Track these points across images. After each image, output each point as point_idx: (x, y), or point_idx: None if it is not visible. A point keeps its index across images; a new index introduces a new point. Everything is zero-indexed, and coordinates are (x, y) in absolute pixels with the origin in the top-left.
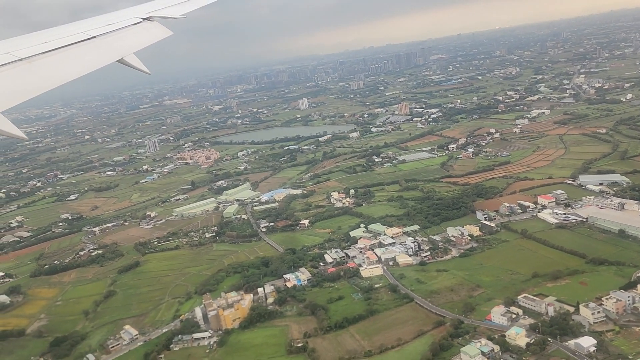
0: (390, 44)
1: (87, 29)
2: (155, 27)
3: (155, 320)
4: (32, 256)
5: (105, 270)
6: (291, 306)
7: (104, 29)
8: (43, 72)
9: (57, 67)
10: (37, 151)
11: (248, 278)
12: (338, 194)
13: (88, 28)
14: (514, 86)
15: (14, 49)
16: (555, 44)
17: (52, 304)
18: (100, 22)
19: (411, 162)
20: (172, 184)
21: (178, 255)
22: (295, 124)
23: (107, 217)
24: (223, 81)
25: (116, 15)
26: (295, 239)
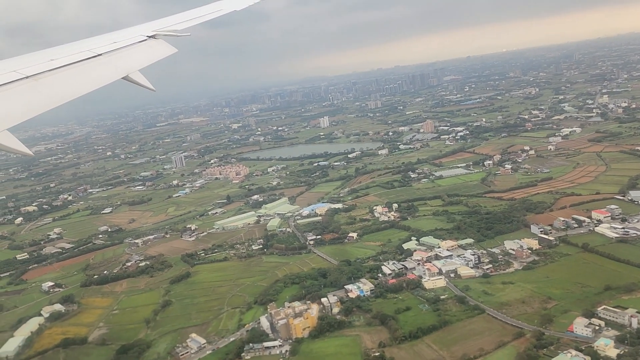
0: (399, 66)
1: (92, 47)
2: (160, 45)
3: (219, 330)
4: (77, 267)
5: (156, 280)
6: (358, 316)
7: (110, 46)
8: (49, 90)
9: (63, 85)
10: (61, 167)
11: (308, 289)
12: (381, 208)
13: (94, 46)
14: (537, 105)
15: (20, 67)
16: (570, 65)
17: (109, 312)
18: (106, 40)
19: (448, 177)
20: (205, 198)
21: (228, 267)
22: (320, 141)
23: (145, 229)
24: (236, 101)
25: (122, 33)
26: (345, 251)
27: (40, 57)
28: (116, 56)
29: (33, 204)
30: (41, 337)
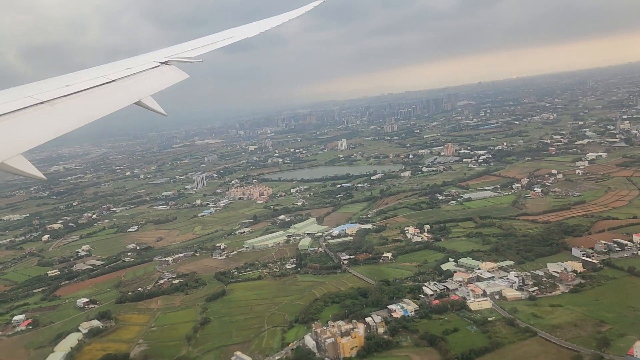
0: (410, 91)
1: (107, 73)
2: (172, 71)
3: (263, 348)
4: (109, 284)
5: (191, 298)
6: (404, 337)
7: (123, 72)
8: (64, 114)
9: (77, 110)
10: (81, 186)
11: (350, 308)
12: (413, 229)
13: (108, 72)
14: (557, 130)
15: (36, 93)
16: (585, 92)
17: (147, 329)
18: (120, 67)
19: (477, 200)
20: (230, 217)
21: (263, 285)
22: (339, 163)
23: (174, 248)
24: (250, 123)
25: (135, 60)
26: (381, 271)
27: (56, 83)
28: (129, 82)
29: (58, 221)
30: (81, 352)
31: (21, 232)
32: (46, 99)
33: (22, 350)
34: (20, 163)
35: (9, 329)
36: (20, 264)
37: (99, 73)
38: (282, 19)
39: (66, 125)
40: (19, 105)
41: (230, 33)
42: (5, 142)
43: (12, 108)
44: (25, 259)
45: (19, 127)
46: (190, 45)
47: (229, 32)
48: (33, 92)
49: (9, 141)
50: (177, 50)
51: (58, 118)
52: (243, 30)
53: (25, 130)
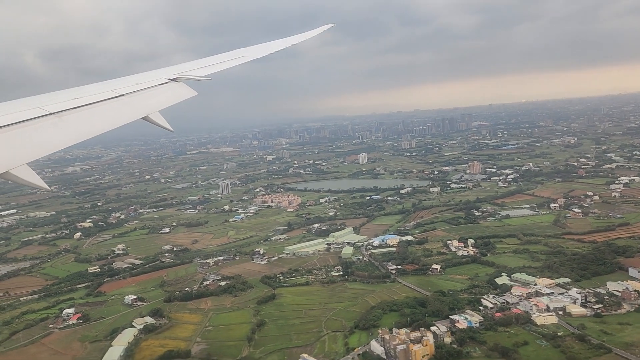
0: (419, 110)
1: (115, 88)
2: (181, 88)
3: (327, 352)
4: (152, 282)
5: (241, 300)
6: (472, 347)
7: (132, 87)
8: (71, 127)
9: (84, 122)
10: (102, 187)
11: (410, 317)
12: (457, 243)
13: (117, 87)
14: (581, 154)
15: (44, 104)
16: (601, 118)
17: (202, 328)
18: (129, 82)
19: (516, 217)
20: (263, 224)
21: (312, 291)
22: (363, 176)
23: (210, 251)
24: (263, 134)
25: (144, 75)
26: (432, 282)
27: (65, 96)
28: (137, 97)
29: (87, 220)
30: (139, 348)
31: (50, 229)
32: (54, 111)
33: (77, 344)
34: (25, 173)
35: (59, 322)
36: (56, 260)
37: (107, 87)
38: (292, 41)
39: (72, 137)
40: (28, 115)
41: (240, 53)
42: (11, 151)
43: (21, 118)
44: (61, 255)
45: (26, 137)
46: (200, 64)
47: (239, 52)
48: (42, 104)
49: (15, 150)
50: (186, 67)
51: (65, 130)
52: (253, 50)
53: (31, 140)
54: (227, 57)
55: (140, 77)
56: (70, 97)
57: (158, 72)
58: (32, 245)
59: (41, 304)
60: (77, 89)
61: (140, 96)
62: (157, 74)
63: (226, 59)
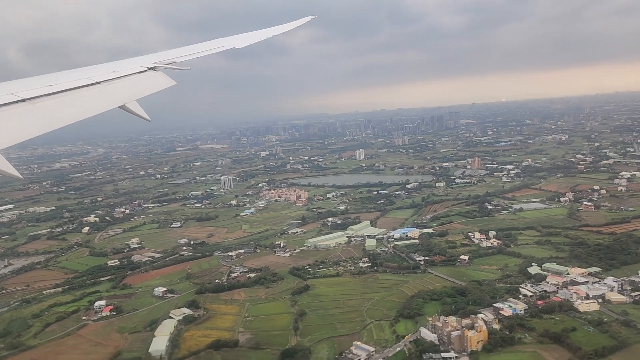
0: (402, 109)
1: (92, 75)
2: (160, 77)
3: (376, 340)
4: (176, 275)
5: (274, 291)
6: (522, 334)
7: (109, 75)
8: (45, 114)
9: (59, 110)
10: (97, 183)
11: (452, 305)
12: (479, 235)
13: (93, 74)
14: (576, 151)
15: (18, 90)
16: (586, 117)
17: (242, 319)
18: (106, 69)
19: (529, 210)
20: (275, 218)
21: (343, 282)
22: (363, 172)
23: (228, 244)
24: (251, 131)
25: (122, 63)
26: (462, 273)
27: (39, 82)
28: (114, 85)
29: (91, 215)
30: (182, 338)
31: (54, 223)
32: (28, 97)
33: (115, 335)
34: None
35: (92, 314)
36: (70, 254)
37: (83, 74)
38: (272, 32)
39: (47, 124)
40: (0, 101)
41: (220, 42)
42: None
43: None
44: (74, 250)
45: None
46: (179, 52)
47: (218, 42)
48: (15, 89)
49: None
50: (165, 56)
51: (39, 117)
52: (232, 40)
53: (4, 127)
54: (207, 47)
55: (117, 64)
56: (44, 84)
57: (136, 60)
58: (40, 240)
59: (67, 297)
60: (52, 75)
61: (118, 84)
62: (135, 62)
63: (205, 48)
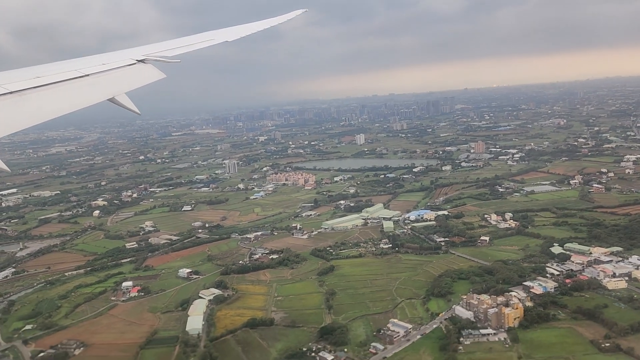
0: (394, 94)
1: (80, 67)
2: (149, 69)
3: (410, 317)
4: (197, 257)
5: (299, 272)
6: (555, 310)
7: (98, 68)
8: (33, 106)
9: (47, 102)
10: (97, 167)
11: (484, 284)
12: (496, 216)
13: (82, 66)
14: (576, 135)
15: (5, 82)
16: (581, 102)
17: (273, 299)
18: (95, 62)
19: (540, 193)
20: (285, 201)
21: (367, 263)
22: (367, 156)
23: (243, 227)
24: (245, 116)
25: (111, 55)
26: (484, 253)
27: (26, 74)
28: (103, 78)
29: (99, 199)
30: (216, 318)
31: (62, 207)
32: (15, 89)
33: (147, 314)
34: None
35: (120, 295)
36: (86, 237)
37: (72, 66)
38: (263, 25)
39: (35, 117)
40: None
41: (211, 35)
42: None
43: None
44: (88, 233)
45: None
46: (169, 45)
47: (209, 34)
48: (2, 82)
49: None
50: (155, 48)
51: (27, 109)
52: (223, 33)
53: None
54: (198, 39)
55: (106, 57)
56: (31, 76)
57: (125, 53)
58: (51, 224)
59: (90, 278)
60: (40, 67)
61: (107, 77)
62: (125, 55)
63: (196, 41)
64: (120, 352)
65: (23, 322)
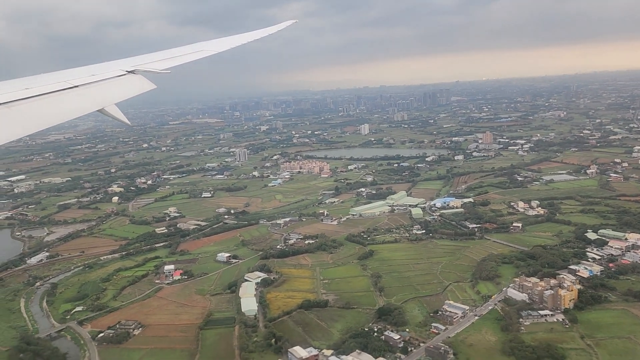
0: (385, 86)
1: (70, 78)
2: (139, 80)
3: (463, 300)
4: (230, 242)
5: (338, 256)
6: (605, 293)
7: (88, 79)
8: (21, 118)
9: (36, 113)
10: (101, 155)
11: (530, 267)
12: (523, 204)
13: (71, 77)
14: (579, 127)
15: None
16: (576, 94)
17: (319, 282)
18: (84, 73)
19: (560, 182)
20: (304, 189)
21: (404, 248)
22: (375, 146)
23: (268, 213)
24: (241, 106)
25: (100, 66)
26: (519, 239)
27: (15, 86)
28: (93, 89)
29: (113, 185)
30: (267, 300)
31: (77, 193)
32: (3, 101)
33: (196, 297)
34: None
35: (163, 278)
36: (111, 222)
37: (61, 77)
38: (254, 36)
39: (23, 128)
40: None
41: (201, 46)
42: None
43: None
44: (112, 218)
45: None
46: (160, 56)
47: (199, 45)
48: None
49: None
50: (145, 59)
51: (15, 121)
52: (214, 44)
53: None
54: (188, 51)
55: (96, 68)
56: (20, 87)
57: (115, 64)
58: (71, 209)
59: (127, 262)
60: (29, 78)
61: (96, 88)
62: (115, 65)
63: (187, 52)
64: (179, 332)
65: (71, 304)
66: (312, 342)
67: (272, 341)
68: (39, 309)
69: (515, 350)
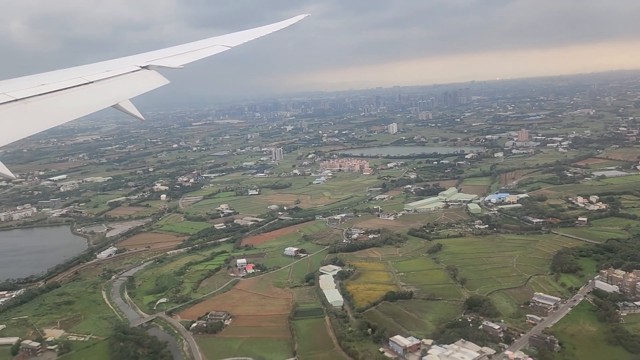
0: (398, 87)
1: (84, 74)
2: (153, 76)
3: (549, 292)
4: (291, 237)
5: (406, 250)
6: None
7: (102, 75)
8: (38, 113)
9: (52, 109)
10: (134, 155)
11: (611, 260)
12: (582, 199)
13: (86, 73)
14: (613, 124)
15: (10, 90)
16: (600, 93)
17: (395, 274)
18: (99, 69)
19: (611, 177)
20: (350, 186)
21: (470, 242)
22: (408, 144)
23: (321, 209)
24: (260, 107)
25: (115, 62)
26: (589, 233)
27: (30, 82)
28: (107, 84)
29: (157, 184)
30: (349, 292)
31: (123, 192)
32: (20, 97)
33: (275, 289)
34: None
35: (237, 271)
36: (167, 219)
37: (76, 74)
38: (266, 30)
39: (40, 123)
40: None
41: (212, 41)
42: None
43: None
44: (166, 215)
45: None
46: (173, 51)
47: (212, 41)
48: (7, 90)
49: None
50: (159, 55)
51: (32, 116)
52: (227, 39)
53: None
54: (201, 46)
55: (110, 64)
56: (36, 84)
57: (129, 59)
58: (122, 207)
59: (194, 256)
60: (44, 74)
61: (110, 83)
62: (128, 61)
63: (199, 47)
64: (270, 322)
65: (154, 296)
66: (408, 332)
67: (367, 330)
68: (121, 301)
69: (622, 340)
